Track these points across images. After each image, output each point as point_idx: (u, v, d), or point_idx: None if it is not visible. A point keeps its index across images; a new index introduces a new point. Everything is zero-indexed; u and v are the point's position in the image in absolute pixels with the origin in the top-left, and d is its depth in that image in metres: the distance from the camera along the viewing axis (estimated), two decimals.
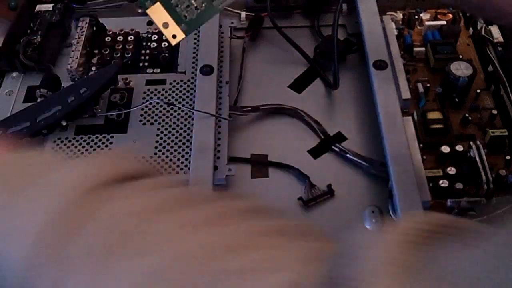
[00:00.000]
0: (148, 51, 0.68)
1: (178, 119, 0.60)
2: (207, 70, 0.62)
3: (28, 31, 0.69)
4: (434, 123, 0.58)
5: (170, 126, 0.59)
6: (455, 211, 0.52)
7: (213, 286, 0.23)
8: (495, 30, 0.66)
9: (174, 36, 0.31)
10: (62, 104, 0.59)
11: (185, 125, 0.59)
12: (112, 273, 0.25)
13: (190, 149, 0.56)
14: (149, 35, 0.70)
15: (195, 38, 0.68)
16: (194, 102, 0.60)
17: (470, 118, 0.59)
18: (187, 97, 0.62)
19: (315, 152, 0.60)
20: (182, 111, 0.61)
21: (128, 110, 0.61)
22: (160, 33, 0.70)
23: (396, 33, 0.65)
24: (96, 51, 0.68)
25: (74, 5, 0.73)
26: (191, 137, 0.57)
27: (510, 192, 0.53)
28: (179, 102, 0.62)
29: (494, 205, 0.52)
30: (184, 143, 0.58)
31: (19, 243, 0.26)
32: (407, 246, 0.23)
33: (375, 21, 0.66)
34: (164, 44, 0.68)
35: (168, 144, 0.58)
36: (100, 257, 0.25)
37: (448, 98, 0.61)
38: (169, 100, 0.62)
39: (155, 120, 0.60)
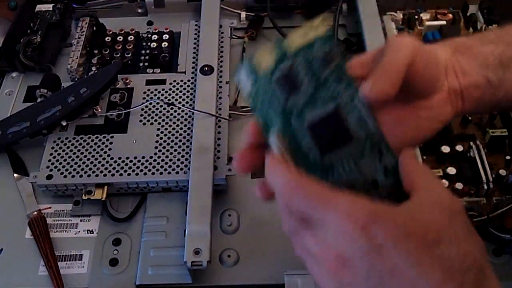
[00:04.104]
0: (148, 51, 0.68)
1: (178, 119, 0.60)
2: (207, 70, 0.62)
3: (28, 31, 0.69)
4: None
5: (170, 126, 0.59)
6: None
7: None
8: None
9: None
10: (62, 104, 0.59)
11: (185, 125, 0.59)
12: None
13: (190, 149, 0.56)
14: (149, 35, 0.70)
15: (195, 38, 0.68)
16: (194, 102, 0.60)
17: (470, 118, 0.59)
18: (187, 97, 0.62)
19: None
20: (182, 111, 0.61)
21: (128, 110, 0.61)
22: (160, 33, 0.70)
23: (396, 33, 0.65)
24: (96, 51, 0.68)
25: (74, 5, 0.73)
26: (191, 137, 0.57)
27: (510, 192, 0.53)
28: (179, 102, 0.62)
29: (494, 205, 0.52)
30: (184, 143, 0.58)
31: None
32: None
33: (375, 21, 0.66)
34: (164, 44, 0.68)
35: (168, 144, 0.58)
36: None
37: None
38: (169, 100, 0.62)
39: (155, 120, 0.60)
